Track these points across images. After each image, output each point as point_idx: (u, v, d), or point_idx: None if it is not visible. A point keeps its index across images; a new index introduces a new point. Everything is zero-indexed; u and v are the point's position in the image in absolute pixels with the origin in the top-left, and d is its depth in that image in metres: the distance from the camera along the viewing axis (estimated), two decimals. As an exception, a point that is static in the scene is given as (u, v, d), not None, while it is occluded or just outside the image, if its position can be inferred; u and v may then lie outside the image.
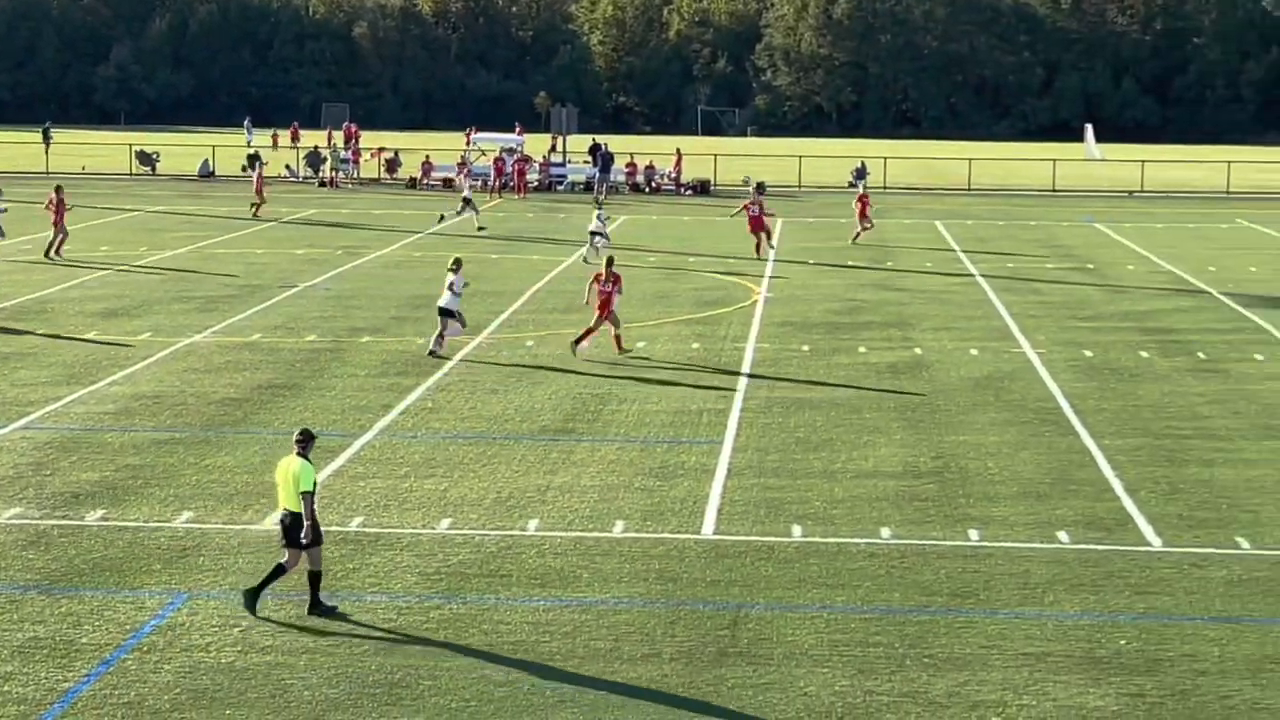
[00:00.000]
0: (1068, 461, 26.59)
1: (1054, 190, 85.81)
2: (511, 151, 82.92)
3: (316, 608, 19.12)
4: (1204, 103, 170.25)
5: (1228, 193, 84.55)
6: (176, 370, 33.41)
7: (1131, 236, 61.76)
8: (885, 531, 22.54)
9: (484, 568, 20.84)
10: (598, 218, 51.98)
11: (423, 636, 18.41)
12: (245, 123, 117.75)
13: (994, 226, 65.98)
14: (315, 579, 19.19)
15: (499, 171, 78.88)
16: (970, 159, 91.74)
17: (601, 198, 73.98)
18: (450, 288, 35.16)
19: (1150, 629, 18.86)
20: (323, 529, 19.32)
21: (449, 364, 34.23)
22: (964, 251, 56.43)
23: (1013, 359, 35.66)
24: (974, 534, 22.47)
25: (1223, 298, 45.14)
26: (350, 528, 22.47)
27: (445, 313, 35.25)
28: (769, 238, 55.31)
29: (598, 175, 79.92)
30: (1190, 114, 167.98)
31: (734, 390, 31.98)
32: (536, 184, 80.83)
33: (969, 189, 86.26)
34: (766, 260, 52.23)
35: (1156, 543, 22.20)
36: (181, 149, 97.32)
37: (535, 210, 70.66)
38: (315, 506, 18.99)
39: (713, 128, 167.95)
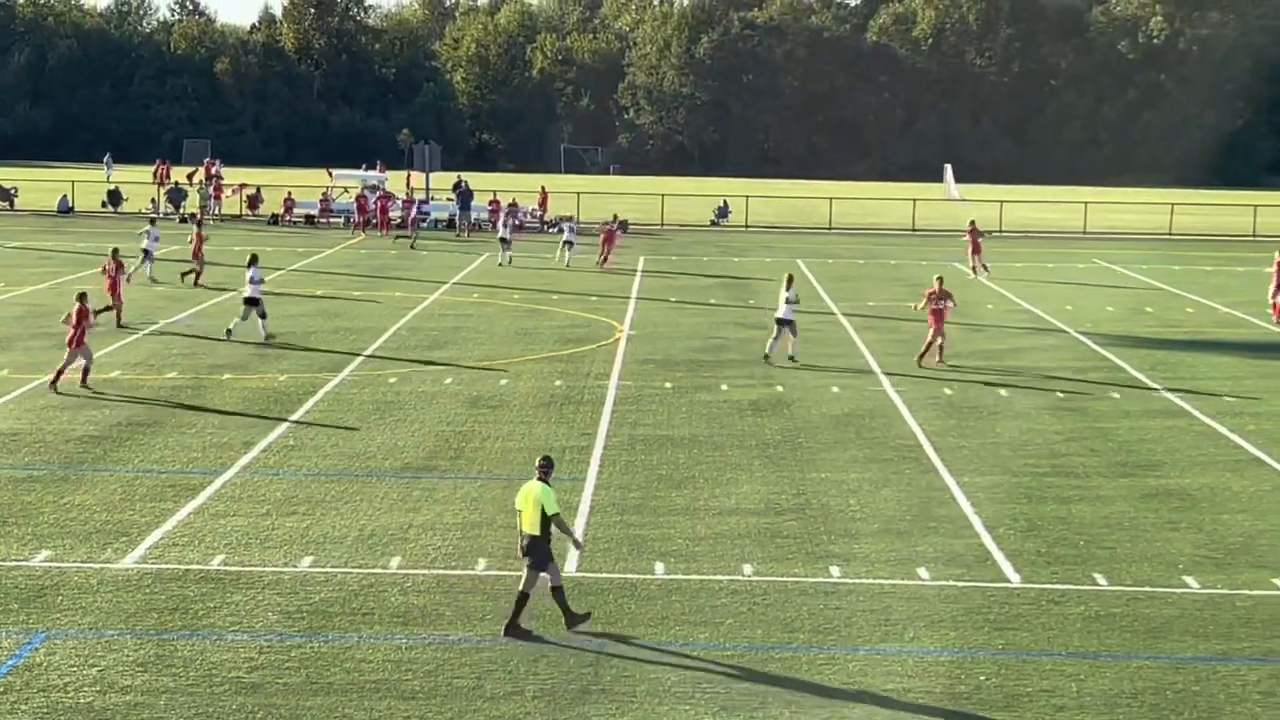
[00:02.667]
0: (928, 499, 26.84)
1: (914, 230, 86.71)
2: (374, 189, 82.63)
3: (514, 630, 19.63)
4: (1061, 144, 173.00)
5: (1084, 233, 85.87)
6: (35, 408, 32.91)
7: (990, 276, 62.49)
8: (747, 568, 22.62)
9: (346, 606, 20.70)
10: (569, 229, 57.55)
11: (284, 675, 18.23)
12: (105, 159, 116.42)
13: (855, 265, 66.56)
14: (522, 601, 19.69)
15: (361, 209, 78.64)
16: (831, 198, 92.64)
17: (463, 236, 74.04)
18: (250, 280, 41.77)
19: (1009, 665, 19.06)
20: (183, 567, 19.11)
21: (311, 400, 33.99)
22: (825, 290, 56.86)
23: (874, 397, 35.96)
24: (835, 571, 22.61)
25: (1080, 336, 45.79)
26: (211, 566, 22.23)
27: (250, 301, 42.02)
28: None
29: (459, 212, 79.83)
30: (1047, 155, 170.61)
31: (596, 427, 32.00)
32: (399, 221, 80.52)
33: (830, 228, 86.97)
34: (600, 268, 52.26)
35: (1015, 579, 22.45)
36: (40, 184, 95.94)
37: (398, 247, 70.35)
38: (563, 526, 19.91)
39: (576, 166, 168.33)
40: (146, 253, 55.02)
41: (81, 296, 35.45)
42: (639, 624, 20.18)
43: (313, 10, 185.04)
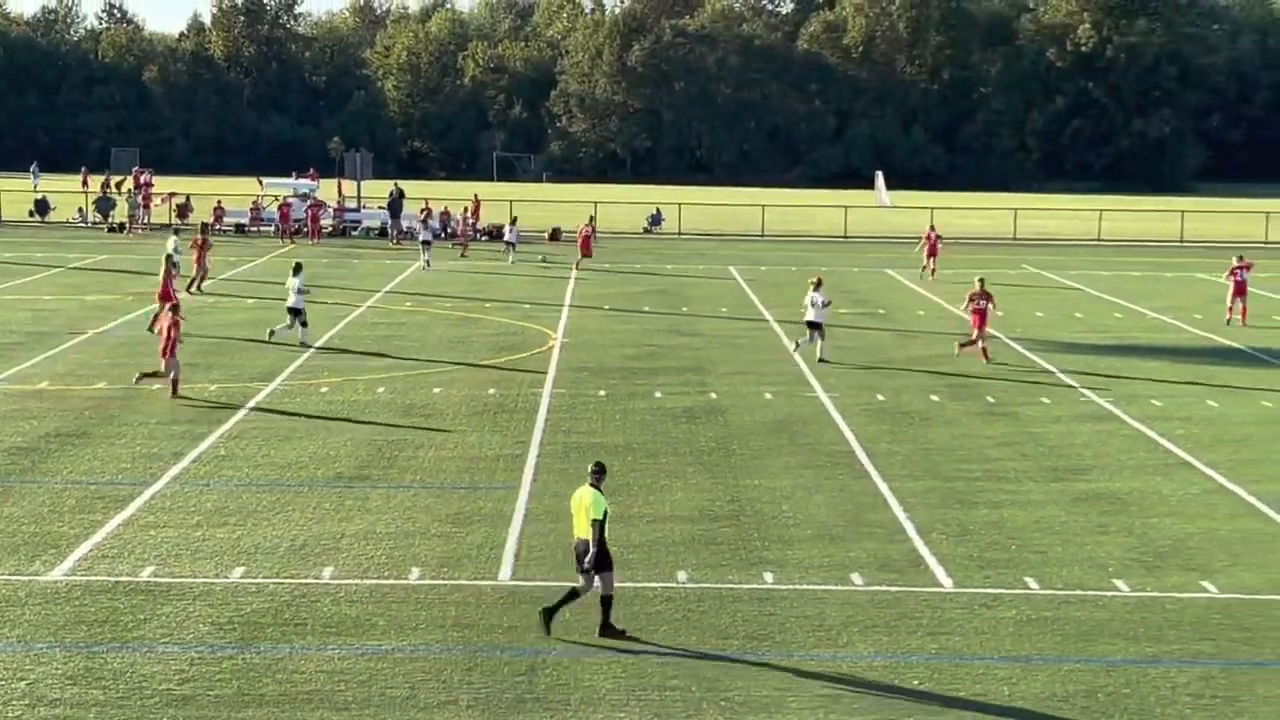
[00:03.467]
0: (861, 504, 26.92)
1: (846, 236, 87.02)
2: (304, 197, 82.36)
3: (608, 630, 19.92)
4: (990, 151, 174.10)
5: (1014, 239, 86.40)
6: (-41, 419, 32.62)
7: (922, 282, 62.80)
8: (681, 575, 22.63)
9: (278, 617, 20.58)
10: (511, 232, 61.02)
11: (215, 687, 18.12)
12: (32, 168, 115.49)
13: (787, 272, 66.70)
14: (607, 603, 20.01)
15: (284, 217, 78.40)
16: (763, 205, 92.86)
17: (394, 244, 74.09)
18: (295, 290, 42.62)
19: (942, 669, 19.13)
20: (112, 579, 18.95)
21: (242, 411, 33.82)
22: (758, 297, 56.98)
23: (807, 403, 36.04)
24: (769, 577, 22.64)
25: (1011, 342, 46.02)
26: (141, 577, 22.06)
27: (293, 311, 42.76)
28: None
29: (390, 220, 79.66)
30: (977, 162, 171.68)
31: (530, 435, 31.95)
32: (331, 229, 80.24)
33: (763, 235, 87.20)
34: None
35: (948, 584, 22.53)
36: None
37: (330, 255, 70.10)
38: (603, 534, 19.76)
39: (508, 173, 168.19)
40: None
41: (174, 309, 36.13)
42: (574, 631, 20.13)
43: (242, 18, 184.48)
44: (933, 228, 67.84)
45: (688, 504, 26.70)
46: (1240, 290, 51.28)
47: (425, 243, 66.08)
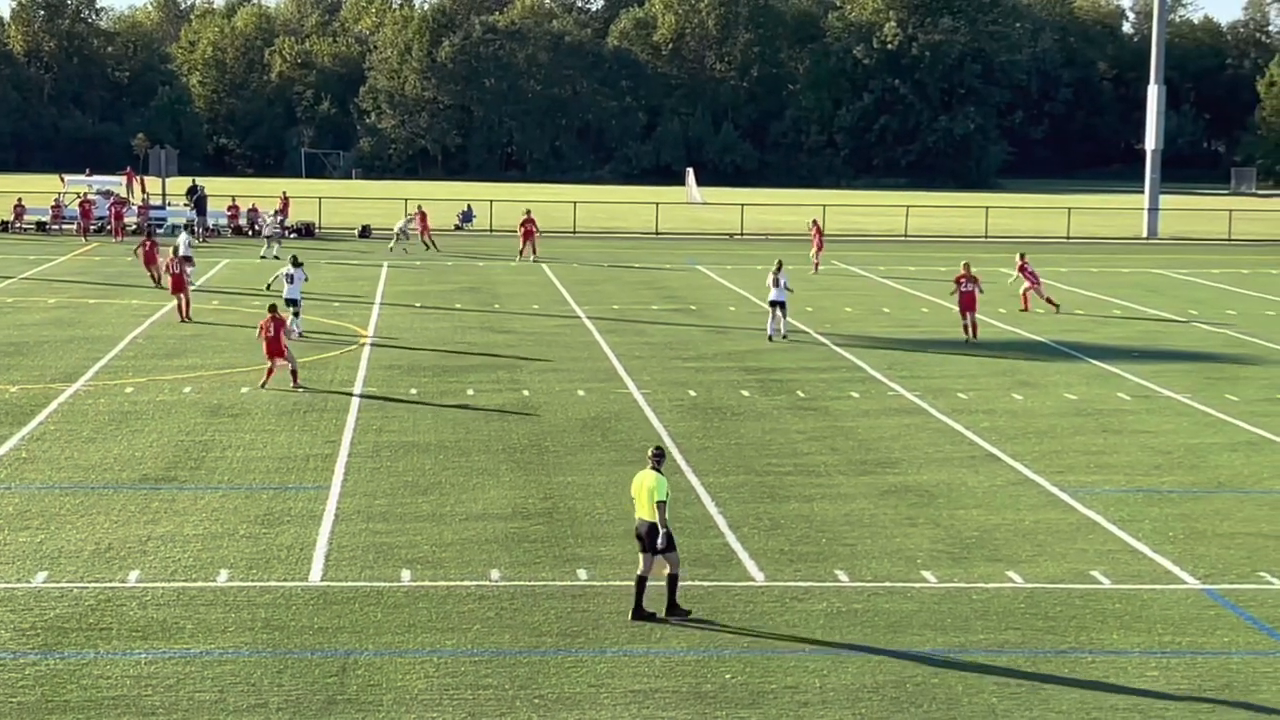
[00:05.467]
0: (673, 500, 26.92)
1: (657, 233, 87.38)
2: (108, 194, 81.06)
3: (674, 610, 20.60)
4: (799, 148, 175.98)
5: (825, 235, 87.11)
6: None
7: (733, 278, 63.23)
8: (495, 573, 22.56)
9: (83, 621, 20.20)
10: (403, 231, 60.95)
11: (18, 694, 17.73)
12: None
13: (599, 269, 66.82)
14: (673, 582, 20.70)
15: (86, 214, 77.04)
16: (575, 202, 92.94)
17: (197, 241, 73.23)
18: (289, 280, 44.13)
19: (754, 662, 19.25)
20: None
21: (45, 412, 33.16)
22: (570, 294, 57.00)
23: (619, 399, 36.11)
24: (583, 573, 22.64)
25: (820, 337, 46.46)
26: (-61, 584, 21.55)
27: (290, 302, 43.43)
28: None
29: (195, 217, 78.59)
30: (786, 159, 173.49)
31: (341, 435, 31.67)
32: (135, 227, 78.95)
33: (574, 232, 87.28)
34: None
35: (759, 578, 22.68)
36: None
37: (133, 254, 68.86)
38: (667, 515, 20.43)
39: (317, 170, 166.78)
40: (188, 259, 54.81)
41: (272, 308, 36.60)
42: (385, 632, 20.00)
43: (42, 12, 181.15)
44: (815, 221, 68.96)
45: (501, 502, 26.63)
46: (1034, 281, 54.67)
47: (270, 236, 69.48)
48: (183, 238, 55.01)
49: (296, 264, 45.13)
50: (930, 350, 44.64)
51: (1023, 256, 55.94)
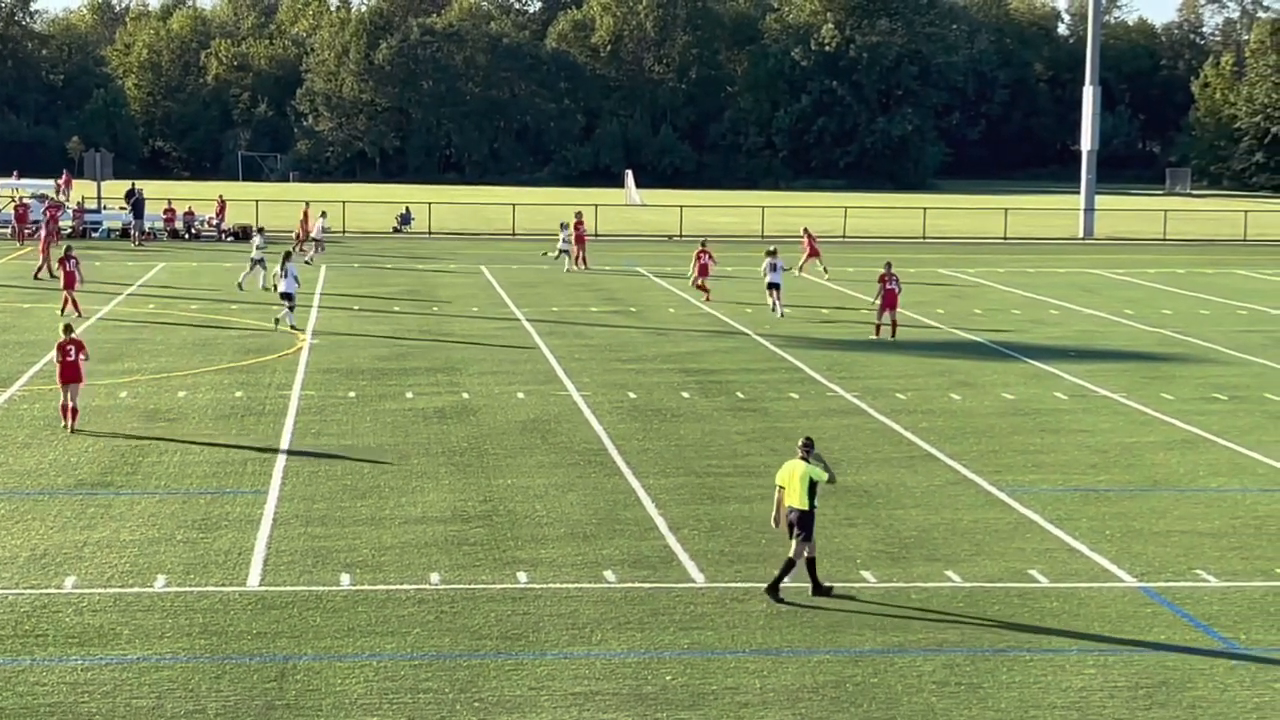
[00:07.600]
0: (614, 502, 27.00)
1: (597, 235, 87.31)
2: (42, 198, 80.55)
3: (820, 590, 21.82)
4: (738, 150, 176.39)
5: (763, 236, 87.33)
6: None
7: (672, 280, 63.25)
8: (434, 577, 22.49)
9: (18, 628, 20.03)
10: (257, 247, 57.19)
11: (-48, 704, 17.59)
12: None
13: (538, 271, 66.75)
14: (812, 564, 21.83)
15: (21, 218, 76.42)
16: (514, 204, 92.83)
17: (136, 244, 72.97)
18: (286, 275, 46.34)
19: (695, 664, 19.25)
20: None
21: (-21, 418, 32.90)
22: (509, 296, 56.92)
23: (559, 402, 36.08)
24: (523, 576, 22.60)
25: (759, 339, 46.54)
26: (-128, 592, 21.35)
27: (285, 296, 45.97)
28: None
29: (132, 220, 78.17)
30: (725, 160, 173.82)
31: (279, 438, 31.53)
32: (70, 231, 78.42)
33: (514, 234, 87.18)
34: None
35: (700, 579, 22.69)
36: None
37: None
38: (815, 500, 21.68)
39: (254, 173, 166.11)
40: (259, 261, 56.64)
41: (67, 328, 33.89)
42: (325, 636, 19.92)
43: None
44: (807, 229, 68.89)
45: (440, 505, 26.56)
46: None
47: (257, 261, 57.84)
48: (257, 239, 59.30)
49: (287, 259, 47.81)
50: (869, 351, 44.78)
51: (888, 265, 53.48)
